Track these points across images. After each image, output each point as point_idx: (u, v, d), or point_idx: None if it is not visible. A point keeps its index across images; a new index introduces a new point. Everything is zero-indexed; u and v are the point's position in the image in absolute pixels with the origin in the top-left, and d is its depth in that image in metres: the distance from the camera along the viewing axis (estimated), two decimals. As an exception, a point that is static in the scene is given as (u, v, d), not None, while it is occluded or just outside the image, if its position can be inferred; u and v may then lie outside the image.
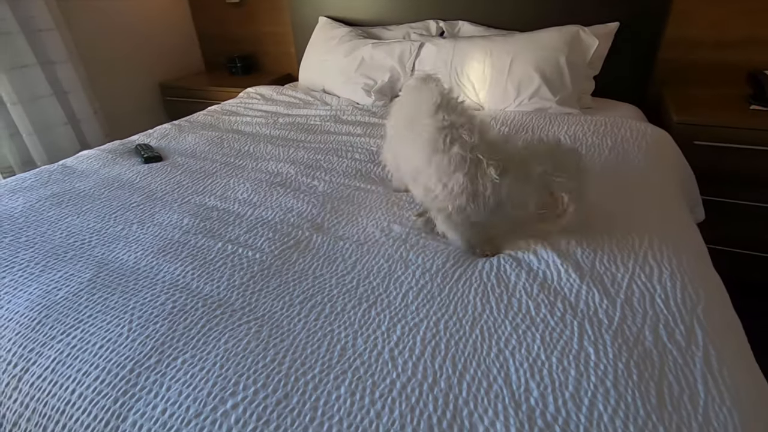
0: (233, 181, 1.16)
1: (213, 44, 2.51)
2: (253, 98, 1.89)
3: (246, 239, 0.90)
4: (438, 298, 0.70)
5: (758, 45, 1.52)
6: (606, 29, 1.58)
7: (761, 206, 1.40)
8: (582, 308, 0.66)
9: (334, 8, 2.05)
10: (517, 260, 0.79)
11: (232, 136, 1.48)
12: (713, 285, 0.74)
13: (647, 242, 0.81)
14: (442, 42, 1.70)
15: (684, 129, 1.39)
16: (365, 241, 0.88)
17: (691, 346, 0.58)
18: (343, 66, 1.81)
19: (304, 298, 0.73)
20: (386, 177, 1.08)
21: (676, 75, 1.65)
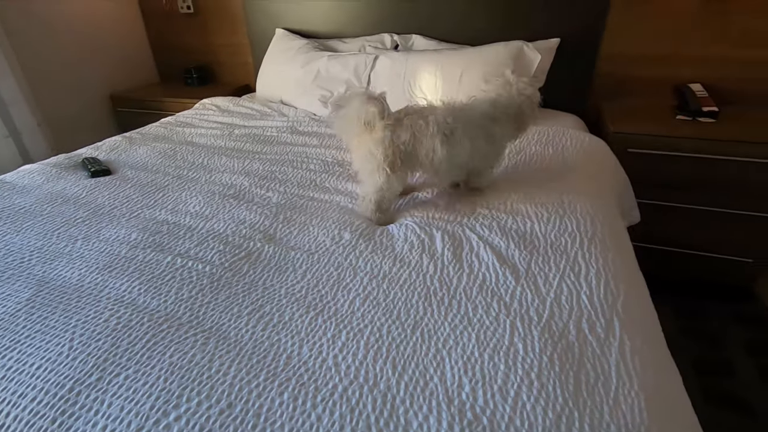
0: (185, 194, 1.15)
1: (167, 55, 2.47)
2: (209, 109, 1.87)
3: (196, 252, 0.90)
4: (383, 304, 0.73)
5: (682, 61, 1.66)
6: (548, 44, 1.69)
7: (689, 207, 1.53)
8: (515, 307, 0.71)
9: (290, 20, 2.08)
10: (459, 262, 0.83)
11: (186, 149, 1.46)
12: (634, 281, 0.81)
13: (578, 243, 0.87)
14: (395, 55, 1.76)
15: (619, 138, 1.50)
16: (316, 250, 0.90)
17: (609, 337, 0.64)
18: (300, 77, 1.83)
19: (253, 309, 0.74)
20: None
21: (612, 87, 1.78)
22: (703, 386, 1.32)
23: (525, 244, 0.88)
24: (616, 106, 1.69)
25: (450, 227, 0.96)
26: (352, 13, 1.97)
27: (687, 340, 1.48)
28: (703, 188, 1.48)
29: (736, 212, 1.48)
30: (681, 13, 1.59)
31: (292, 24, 2.08)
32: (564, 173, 1.17)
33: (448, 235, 0.93)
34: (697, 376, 1.36)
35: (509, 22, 1.76)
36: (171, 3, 2.26)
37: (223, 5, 2.20)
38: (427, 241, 0.91)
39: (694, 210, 1.52)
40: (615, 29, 1.69)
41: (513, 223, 0.96)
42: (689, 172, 1.47)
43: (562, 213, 0.98)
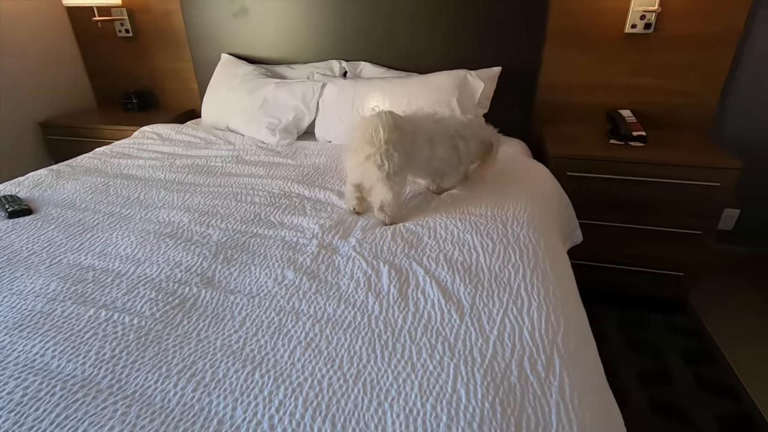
0: (116, 235, 1.07)
1: (105, 79, 2.35)
2: (149, 138, 1.78)
3: (124, 303, 0.83)
4: (325, 352, 0.70)
5: (612, 89, 1.78)
6: (491, 73, 1.75)
7: (626, 226, 1.61)
8: (459, 348, 0.70)
9: (236, 45, 2.04)
10: (405, 300, 0.82)
11: (121, 182, 1.37)
12: (574, 310, 0.83)
13: (521, 274, 0.89)
14: (343, 82, 1.76)
15: (559, 162, 1.57)
16: (257, 293, 0.86)
17: (549, 375, 0.64)
18: (246, 105, 1.79)
19: (184, 366, 0.68)
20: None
21: (552, 114, 1.87)
22: (649, 397, 1.38)
23: (470, 278, 0.88)
24: (556, 131, 1.78)
25: (397, 260, 0.95)
26: (300, 40, 1.96)
27: (632, 351, 1.55)
28: (637, 208, 1.57)
29: (668, 230, 1.57)
30: (607, 47, 1.72)
31: (238, 49, 2.04)
32: (508, 200, 1.20)
33: (395, 270, 0.91)
34: (642, 387, 1.42)
35: (454, 52, 1.82)
36: (107, 26, 2.16)
37: (164, 29, 2.13)
38: (374, 278, 0.90)
39: (630, 228, 1.61)
40: (551, 60, 1.79)
41: (459, 255, 0.96)
42: (624, 192, 1.56)
43: (506, 242, 1.00)
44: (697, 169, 1.46)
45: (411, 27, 1.82)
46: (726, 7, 1.56)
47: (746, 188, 1.82)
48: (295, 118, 1.75)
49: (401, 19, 1.82)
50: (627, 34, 1.68)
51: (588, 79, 1.79)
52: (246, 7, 1.95)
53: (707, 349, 1.57)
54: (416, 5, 1.78)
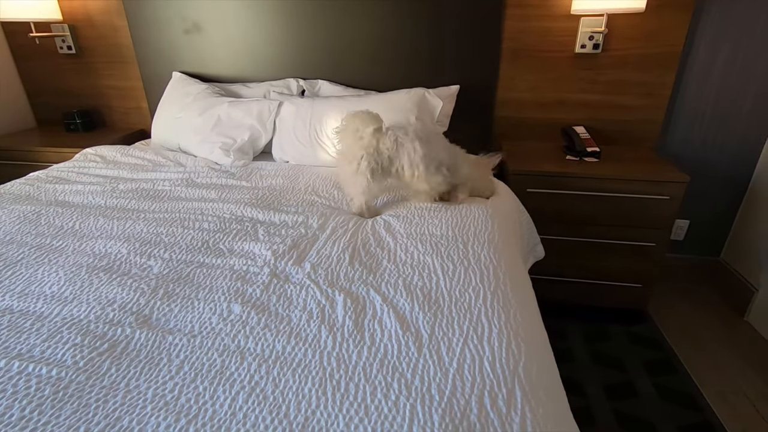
0: (42, 270, 0.97)
1: (46, 98, 2.20)
2: (91, 161, 1.66)
3: (42, 351, 0.73)
4: (271, 398, 0.64)
5: (565, 106, 1.83)
6: (449, 91, 1.76)
7: (584, 240, 1.63)
8: (416, 385, 0.65)
9: (188, 63, 1.96)
10: (361, 333, 0.77)
11: (54, 210, 1.26)
12: (535, 334, 0.81)
13: (482, 298, 0.86)
14: (300, 101, 1.72)
15: (518, 178, 1.58)
16: (199, 332, 0.79)
17: (511, 411, 0.60)
18: (198, 125, 1.71)
19: (107, 425, 0.60)
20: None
21: (511, 130, 1.90)
22: (615, 411, 1.37)
23: (429, 305, 0.84)
24: (515, 147, 1.80)
25: (354, 287, 0.91)
26: (256, 57, 1.91)
27: (597, 365, 1.55)
28: (594, 222, 1.60)
29: (624, 242, 1.61)
30: (559, 66, 1.77)
31: (191, 67, 1.97)
32: (469, 218, 1.18)
33: (351, 299, 0.86)
34: (608, 400, 1.42)
35: (412, 70, 1.82)
36: (47, 42, 2.03)
37: (110, 45, 2.02)
38: (328, 308, 0.84)
39: (589, 242, 1.64)
40: (507, 78, 1.82)
41: (419, 280, 0.93)
42: (581, 207, 1.58)
43: (466, 264, 0.97)
44: (648, 183, 1.51)
45: (369, 46, 1.81)
46: (666, 30, 1.64)
47: (693, 199, 1.90)
48: (250, 138, 1.68)
49: (360, 37, 1.81)
50: (577, 53, 1.73)
51: (543, 97, 1.83)
52: (198, 23, 1.88)
53: (667, 358, 1.59)
54: (375, 24, 1.78)
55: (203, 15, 1.86)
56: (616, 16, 1.63)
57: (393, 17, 1.76)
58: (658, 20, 1.63)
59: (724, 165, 1.84)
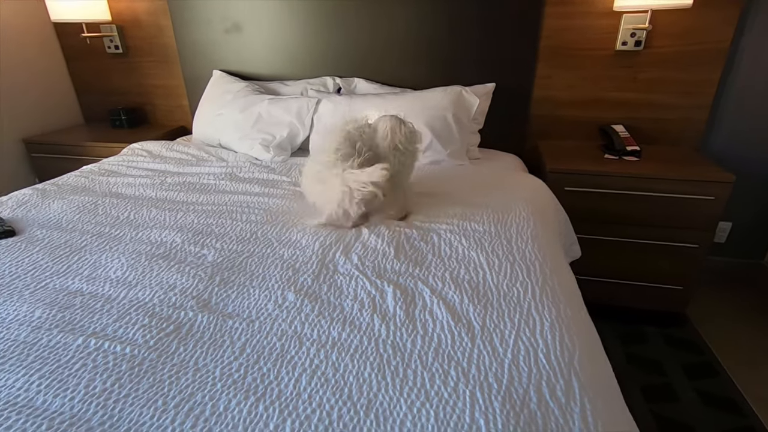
0: (106, 257, 1.02)
1: (93, 96, 2.30)
2: (139, 155, 1.73)
3: (115, 330, 0.78)
4: (332, 381, 0.67)
5: (604, 104, 1.80)
6: (485, 89, 1.76)
7: (623, 240, 1.61)
8: (473, 373, 0.67)
9: (228, 62, 2.02)
10: (413, 323, 0.79)
11: (110, 201, 1.32)
12: (586, 329, 0.81)
13: (530, 293, 0.86)
14: (338, 99, 1.75)
15: (556, 177, 1.57)
16: (257, 317, 0.82)
17: (570, 402, 0.61)
18: (239, 121, 1.76)
19: (181, 399, 0.64)
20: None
21: (547, 129, 1.88)
22: (654, 414, 1.35)
23: (479, 298, 0.85)
24: (551, 146, 1.78)
25: (402, 280, 0.93)
26: (293, 56, 1.95)
27: (633, 367, 1.53)
28: (633, 222, 1.57)
29: (665, 243, 1.58)
30: (598, 64, 1.74)
31: (230, 65, 2.02)
32: (510, 215, 1.18)
33: (400, 290, 0.88)
34: (646, 403, 1.39)
35: (447, 68, 1.83)
36: (96, 42, 2.13)
37: (155, 45, 2.10)
38: (378, 299, 0.86)
39: (627, 242, 1.61)
40: (544, 76, 1.81)
41: (465, 273, 0.94)
42: (620, 207, 1.56)
43: (512, 260, 0.98)
44: (691, 183, 1.48)
45: (405, 44, 1.83)
46: (713, 26, 1.60)
47: (735, 201, 1.85)
48: (289, 135, 1.72)
49: (396, 36, 1.83)
50: (618, 51, 1.71)
51: (581, 95, 1.81)
52: (238, 23, 1.94)
53: (707, 362, 1.56)
54: (411, 22, 1.79)
55: (243, 15, 1.92)
56: (661, 13, 1.60)
57: (429, 15, 1.77)
58: (704, 16, 1.59)
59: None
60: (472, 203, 1.26)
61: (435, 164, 1.61)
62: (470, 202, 1.26)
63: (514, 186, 1.40)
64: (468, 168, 1.62)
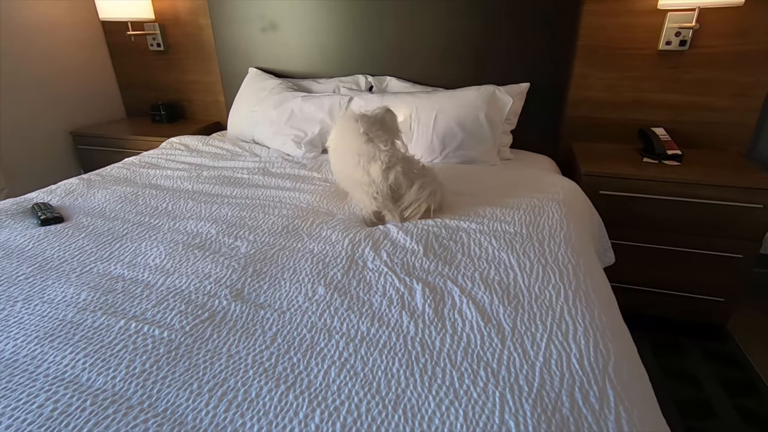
0: (145, 245, 1.07)
1: (135, 91, 2.40)
2: (177, 149, 1.80)
3: (154, 314, 0.82)
4: (361, 374, 0.67)
5: (643, 106, 1.74)
6: (519, 89, 1.73)
7: (661, 248, 1.55)
8: (503, 375, 0.66)
9: (263, 60, 2.07)
10: (442, 321, 0.79)
11: (149, 192, 1.38)
12: (621, 336, 0.78)
13: (563, 297, 0.84)
14: (370, 97, 1.76)
15: (590, 180, 1.52)
16: (288, 308, 0.84)
17: (604, 409, 0.59)
18: (273, 118, 1.80)
19: (215, 384, 0.66)
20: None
21: (582, 130, 1.83)
22: (689, 428, 1.30)
23: (509, 299, 0.84)
24: (586, 148, 1.74)
25: (431, 278, 0.92)
26: (327, 54, 1.98)
27: (668, 379, 1.47)
28: (672, 229, 1.51)
29: (707, 252, 1.51)
30: (639, 64, 1.68)
31: (265, 63, 2.07)
32: (542, 217, 1.16)
33: (429, 288, 0.88)
34: (682, 419, 1.34)
35: (480, 67, 1.81)
36: (140, 39, 2.22)
37: (194, 43, 2.18)
38: (407, 296, 0.86)
39: (665, 250, 1.55)
40: (581, 76, 1.76)
41: (495, 274, 0.93)
42: (658, 213, 1.50)
43: (544, 262, 0.96)
44: (737, 190, 1.40)
45: (437, 42, 1.82)
46: (765, 26, 1.51)
47: (787, 211, 1.74)
48: (320, 132, 1.75)
49: (427, 34, 1.82)
50: (661, 51, 1.64)
51: (619, 96, 1.75)
52: (275, 22, 1.98)
53: (749, 378, 1.48)
54: (443, 20, 1.78)
55: (279, 14, 1.96)
56: (709, 11, 1.53)
57: (462, 13, 1.75)
58: (757, 14, 1.51)
59: (826, 174, 1.67)
60: (503, 204, 1.24)
61: (466, 163, 1.60)
62: (501, 203, 1.24)
63: (547, 187, 1.37)
64: (499, 168, 1.59)
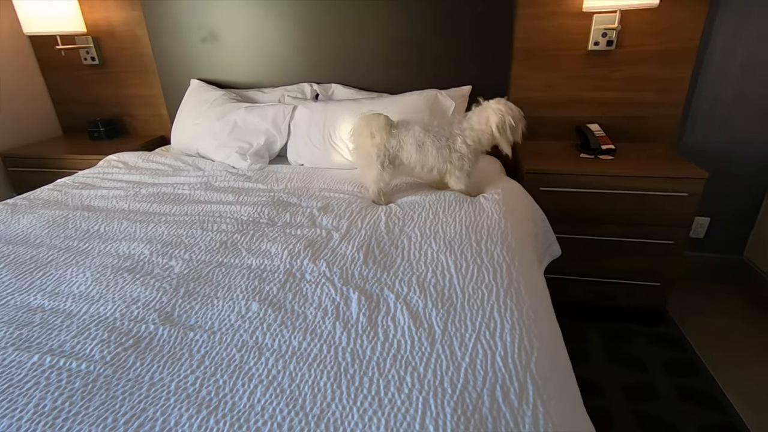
0: (71, 271, 1.01)
1: (71, 107, 2.29)
2: (115, 167, 1.72)
3: (72, 346, 0.77)
4: (288, 391, 0.66)
5: (580, 104, 1.81)
6: (461, 92, 1.77)
7: (600, 239, 1.62)
8: (429, 379, 0.66)
9: (206, 71, 2.02)
10: (374, 329, 0.79)
11: (81, 215, 1.31)
12: (548, 331, 0.81)
13: (494, 295, 0.86)
14: (314, 105, 1.75)
15: (532, 177, 1.57)
16: (219, 328, 0.81)
17: (523, 405, 0.61)
18: (216, 130, 1.76)
19: (132, 415, 0.63)
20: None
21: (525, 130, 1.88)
22: (636, 412, 1.35)
23: (443, 301, 0.85)
24: (529, 146, 1.79)
25: (368, 286, 0.92)
26: (270, 63, 1.96)
27: (615, 365, 1.53)
28: (610, 220, 1.58)
29: (642, 241, 1.58)
30: (572, 64, 1.76)
31: (208, 74, 2.02)
32: (482, 217, 1.18)
33: (365, 296, 0.88)
34: (627, 401, 1.39)
35: (424, 71, 1.84)
36: (72, 54, 2.12)
37: (131, 55, 2.10)
38: (342, 306, 0.86)
39: (605, 241, 1.62)
40: (519, 78, 1.82)
41: (432, 277, 0.94)
42: (596, 205, 1.57)
43: (480, 262, 0.98)
44: (665, 180, 1.49)
45: (381, 48, 1.83)
46: (681, 24, 1.61)
47: (714, 197, 1.86)
48: (266, 142, 1.72)
49: (372, 41, 1.83)
50: (591, 51, 1.72)
51: (557, 96, 1.82)
52: (215, 31, 1.94)
53: (688, 358, 1.56)
54: (386, 27, 1.80)
55: (219, 23, 1.92)
56: (630, 12, 1.62)
57: (404, 20, 1.78)
58: (672, 15, 1.60)
59: (746, 161, 1.80)
60: (446, 206, 1.26)
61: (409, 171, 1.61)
62: (443, 205, 1.26)
63: (489, 188, 1.40)
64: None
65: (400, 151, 1.31)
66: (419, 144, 1.29)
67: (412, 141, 1.29)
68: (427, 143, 1.28)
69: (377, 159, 1.29)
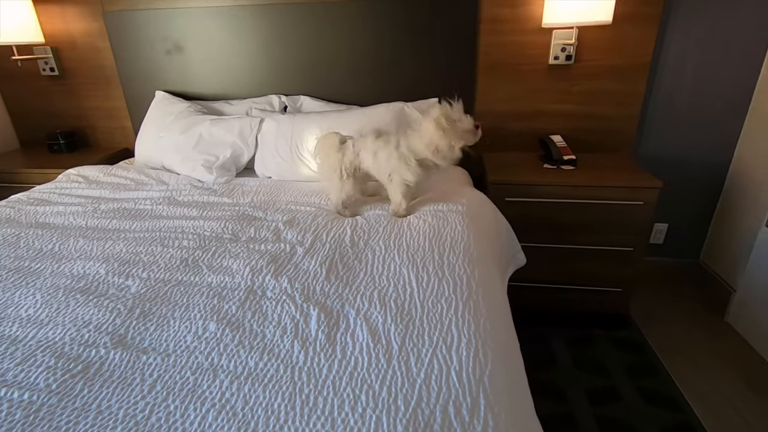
0: (19, 293, 0.97)
1: (29, 120, 2.21)
2: (74, 181, 1.67)
3: (15, 375, 0.74)
4: (240, 414, 0.65)
5: (543, 116, 1.87)
6: (427, 104, 1.80)
7: (564, 247, 1.66)
8: (383, 397, 0.66)
9: (172, 83, 1.99)
10: (333, 346, 0.78)
11: (34, 233, 1.26)
12: (504, 342, 0.82)
13: (453, 308, 0.87)
14: (281, 118, 1.75)
15: (497, 188, 1.61)
16: (174, 350, 0.80)
17: (474, 420, 0.62)
18: (180, 144, 1.73)
19: (75, 446, 0.61)
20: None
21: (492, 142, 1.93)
22: (597, 417, 1.38)
23: (402, 316, 0.86)
24: (495, 158, 1.83)
25: (329, 302, 0.92)
26: (237, 75, 1.94)
27: (579, 370, 1.57)
28: (573, 229, 1.63)
29: (603, 248, 1.64)
30: (533, 78, 1.81)
31: (174, 86, 1.99)
32: (446, 230, 1.20)
33: (325, 313, 0.88)
34: (590, 405, 1.43)
35: (392, 84, 1.86)
36: (30, 64, 2.05)
37: (92, 67, 2.04)
38: (302, 323, 0.86)
39: (569, 249, 1.66)
40: (485, 90, 1.86)
41: (393, 291, 0.94)
42: (559, 215, 1.61)
43: (441, 275, 0.99)
44: (622, 189, 1.54)
45: (350, 61, 1.85)
46: (634, 41, 1.69)
47: (671, 204, 1.94)
48: (232, 155, 1.70)
49: (340, 53, 1.84)
50: (551, 65, 1.78)
51: (521, 108, 1.87)
52: (179, 43, 1.91)
53: (649, 362, 1.61)
54: (355, 40, 1.82)
55: (184, 35, 1.90)
56: (586, 29, 1.69)
57: (372, 33, 1.80)
58: (625, 32, 1.68)
59: (699, 169, 1.89)
60: (410, 219, 1.27)
61: (377, 180, 1.62)
62: (408, 219, 1.27)
63: (454, 200, 1.42)
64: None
65: (361, 162, 1.36)
66: (374, 152, 1.34)
67: (369, 150, 1.35)
68: (380, 151, 1.34)
69: (334, 171, 1.36)
